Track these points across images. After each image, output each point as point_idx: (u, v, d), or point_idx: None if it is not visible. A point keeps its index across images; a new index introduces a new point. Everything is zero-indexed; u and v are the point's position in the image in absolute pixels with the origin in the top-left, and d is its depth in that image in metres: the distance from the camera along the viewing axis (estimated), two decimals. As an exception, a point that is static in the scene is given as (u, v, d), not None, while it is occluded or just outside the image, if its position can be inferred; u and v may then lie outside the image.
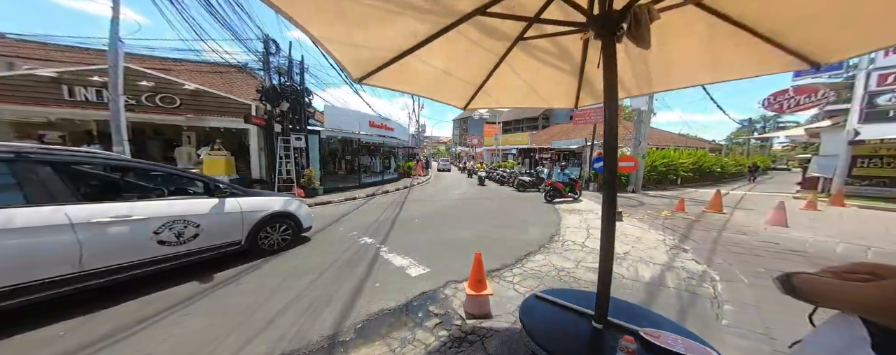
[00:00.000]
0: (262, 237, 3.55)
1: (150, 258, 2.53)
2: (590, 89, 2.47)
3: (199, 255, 2.92)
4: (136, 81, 7.12)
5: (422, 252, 4.00)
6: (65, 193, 2.14)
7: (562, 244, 4.45)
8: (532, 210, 7.37)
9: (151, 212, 2.53)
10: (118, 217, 2.31)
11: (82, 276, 2.16)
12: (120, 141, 5.20)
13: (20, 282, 1.91)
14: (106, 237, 2.25)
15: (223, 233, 3.11)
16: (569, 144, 14.06)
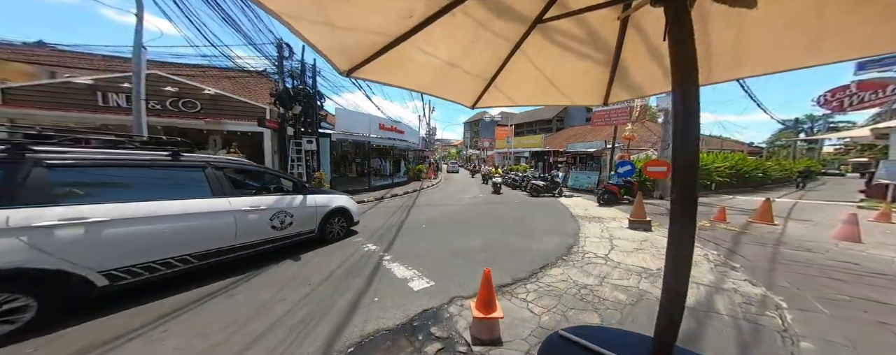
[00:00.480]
0: (327, 227, 4.35)
1: (265, 238, 3.39)
2: (626, 81, 2.03)
3: (291, 240, 3.78)
4: (161, 87, 7.51)
5: (427, 262, 3.74)
6: (227, 189, 3.09)
7: (582, 256, 4.01)
8: (547, 217, 6.90)
9: (268, 204, 3.41)
10: (252, 206, 3.23)
11: (235, 248, 3.10)
12: (141, 144, 5.42)
13: (209, 249, 2.86)
14: (246, 220, 3.16)
15: (305, 223, 3.94)
16: (586, 147, 13.26)
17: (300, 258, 3.82)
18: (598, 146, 12.44)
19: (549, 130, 36.03)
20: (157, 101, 7.54)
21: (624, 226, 5.75)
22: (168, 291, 2.71)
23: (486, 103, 2.44)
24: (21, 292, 1.91)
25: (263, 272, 3.32)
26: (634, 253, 4.09)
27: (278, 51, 8.09)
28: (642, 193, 5.84)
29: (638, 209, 5.41)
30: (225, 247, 2.99)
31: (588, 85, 2.14)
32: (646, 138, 15.25)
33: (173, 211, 2.59)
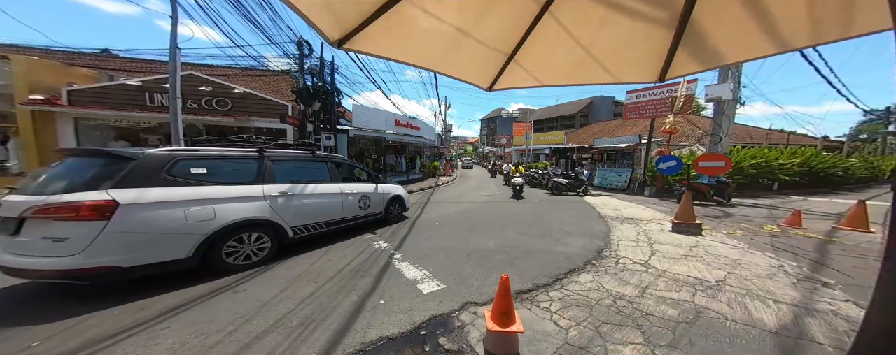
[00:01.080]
0: (390, 210, 5.27)
1: (355, 215, 4.44)
2: (698, 46, 1.48)
3: (367, 218, 4.73)
4: (197, 87, 8.07)
5: (438, 262, 3.50)
6: (337, 177, 4.21)
7: (616, 262, 3.51)
8: (571, 216, 6.32)
9: (357, 190, 4.49)
10: (350, 191, 4.33)
11: (341, 221, 4.15)
12: (178, 140, 5.79)
13: (341, 219, 4.11)
14: (347, 201, 4.26)
15: (377, 206, 4.90)
16: (616, 142, 12.09)
17: (311, 255, 3.79)
18: (630, 141, 11.30)
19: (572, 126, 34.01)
20: (194, 101, 8.13)
21: (665, 228, 5.05)
22: (176, 285, 2.73)
23: (506, 84, 2.07)
24: (264, 234, 3.23)
25: (275, 267, 3.31)
26: (683, 260, 3.49)
27: (299, 48, 8.29)
28: (658, 189, 5.10)
29: (685, 210, 4.68)
30: (337, 218, 4.13)
31: (639, 56, 1.67)
32: (687, 133, 13.59)
33: (317, 191, 3.84)
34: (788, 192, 10.12)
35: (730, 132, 8.38)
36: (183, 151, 2.86)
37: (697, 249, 3.86)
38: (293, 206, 3.48)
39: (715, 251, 3.79)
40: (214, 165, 2.99)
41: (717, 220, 5.77)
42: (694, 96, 8.72)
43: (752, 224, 5.53)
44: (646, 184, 9.83)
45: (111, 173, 2.38)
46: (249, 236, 3.10)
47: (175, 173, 2.67)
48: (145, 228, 2.37)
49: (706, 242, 4.18)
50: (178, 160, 2.74)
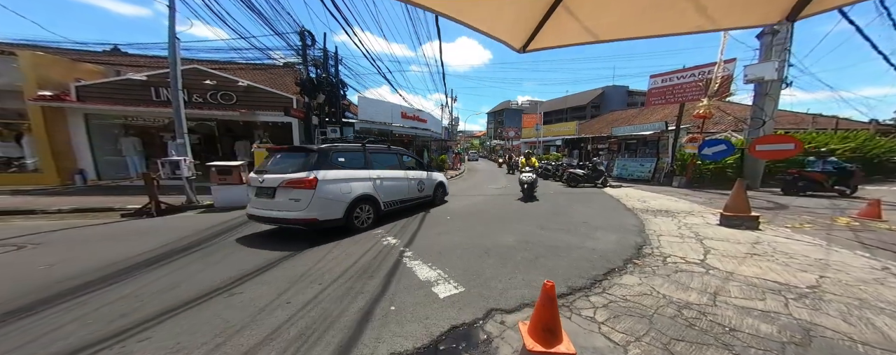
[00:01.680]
0: (437, 194, 6.20)
1: (415, 197, 5.38)
2: None
3: (421, 200, 5.67)
4: (201, 81, 7.90)
5: (454, 261, 3.12)
6: (403, 165, 5.17)
7: (663, 260, 3.01)
8: (594, 209, 5.79)
9: (416, 176, 5.42)
10: (412, 176, 5.25)
11: (407, 200, 5.10)
12: (182, 134, 5.61)
13: (406, 198, 5.04)
14: (411, 184, 5.20)
15: (428, 190, 5.84)
16: (638, 130, 11.22)
17: (316, 251, 3.49)
18: (655, 128, 10.43)
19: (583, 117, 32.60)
20: (199, 95, 7.98)
21: (710, 221, 4.45)
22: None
23: (545, 42, 1.58)
24: (371, 205, 4.27)
25: (277, 266, 3.01)
26: (749, 260, 2.94)
27: (301, 38, 7.96)
28: (688, 179, 4.36)
29: (738, 201, 4.05)
30: (405, 198, 5.11)
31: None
32: (715, 119, 12.50)
33: (394, 175, 4.87)
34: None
35: (774, 115, 7.48)
36: (333, 146, 4.31)
37: (763, 246, 3.28)
38: (383, 187, 4.62)
39: (787, 249, 3.20)
40: (346, 155, 4.25)
41: (771, 213, 5.07)
42: (732, 77, 7.77)
43: (817, 216, 4.82)
44: (674, 173, 9.04)
45: (310, 160, 3.77)
46: (363, 207, 4.23)
47: (333, 160, 4.00)
48: (327, 195, 3.74)
49: (769, 238, 3.57)
50: (335, 152, 4.11)
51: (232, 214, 5.60)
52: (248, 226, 4.69)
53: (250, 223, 4.53)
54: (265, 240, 4.04)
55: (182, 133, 5.52)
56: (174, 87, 5.40)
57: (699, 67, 8.86)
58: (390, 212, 4.80)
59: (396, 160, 5.11)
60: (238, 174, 6.11)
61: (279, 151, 4.19)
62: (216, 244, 3.84)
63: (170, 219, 5.34)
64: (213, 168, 5.84)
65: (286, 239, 4.03)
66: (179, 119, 5.49)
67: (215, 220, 5.18)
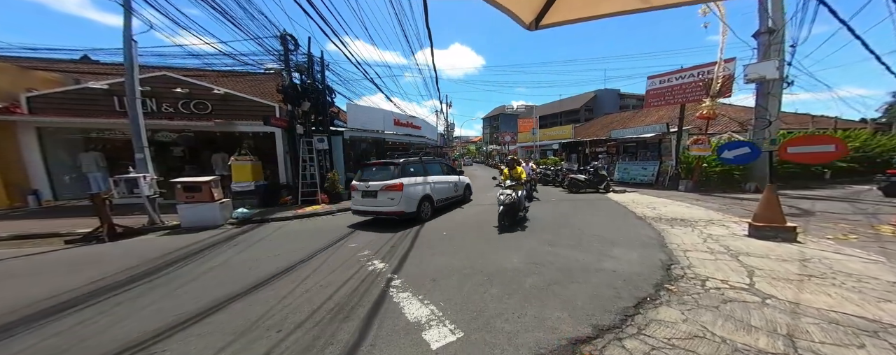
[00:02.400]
0: (466, 194, 7.51)
1: (451, 196, 6.70)
2: None
3: (456, 199, 6.98)
4: (171, 89, 7.29)
5: (450, 291, 2.56)
6: (443, 171, 6.78)
7: (701, 284, 2.51)
8: (603, 219, 5.31)
9: (452, 179, 6.82)
10: (450, 180, 6.74)
11: (449, 198, 6.64)
12: (140, 147, 4.96)
13: (447, 197, 6.56)
14: (449, 186, 6.67)
15: (459, 190, 7.09)
16: (639, 133, 10.93)
17: (286, 281, 2.88)
18: (655, 130, 10.16)
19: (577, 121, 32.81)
20: (169, 104, 7.35)
21: (736, 232, 3.99)
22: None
23: (559, 16, 1.26)
24: (428, 204, 5.64)
25: (229, 306, 2.39)
26: (808, 284, 2.43)
27: (282, 43, 7.49)
28: (695, 182, 3.90)
29: (770, 209, 3.59)
30: (448, 197, 6.52)
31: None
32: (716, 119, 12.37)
33: (440, 179, 6.24)
34: (843, 181, 8.85)
35: (778, 115, 7.25)
36: (406, 160, 5.71)
37: (815, 265, 2.79)
38: (435, 189, 5.95)
39: (845, 268, 2.70)
40: (413, 167, 5.70)
41: (800, 221, 4.52)
42: (733, 77, 7.57)
43: (853, 223, 4.35)
44: (679, 177, 8.69)
45: (396, 171, 5.19)
46: (425, 204, 5.49)
47: (407, 171, 5.44)
48: (408, 195, 5.13)
49: (816, 253, 3.08)
50: (407, 164, 5.57)
51: (200, 236, 4.93)
52: (215, 250, 4.09)
53: (217, 246, 4.34)
54: (230, 266, 3.44)
55: (141, 146, 4.87)
56: (131, 95, 4.80)
57: (698, 67, 8.68)
58: (439, 208, 6.14)
59: (440, 169, 6.73)
60: (209, 190, 5.45)
61: (374, 165, 5.78)
62: (167, 275, 3.24)
63: (124, 244, 4.65)
64: (179, 185, 5.17)
65: (256, 264, 3.45)
66: (137, 131, 4.86)
67: (178, 244, 4.51)
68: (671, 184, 8.95)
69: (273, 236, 4.89)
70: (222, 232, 5.23)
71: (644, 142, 11.14)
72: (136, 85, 4.91)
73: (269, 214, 6.47)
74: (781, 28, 7.11)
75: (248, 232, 5.24)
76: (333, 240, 4.50)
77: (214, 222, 5.49)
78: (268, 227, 5.56)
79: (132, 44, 4.76)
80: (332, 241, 4.42)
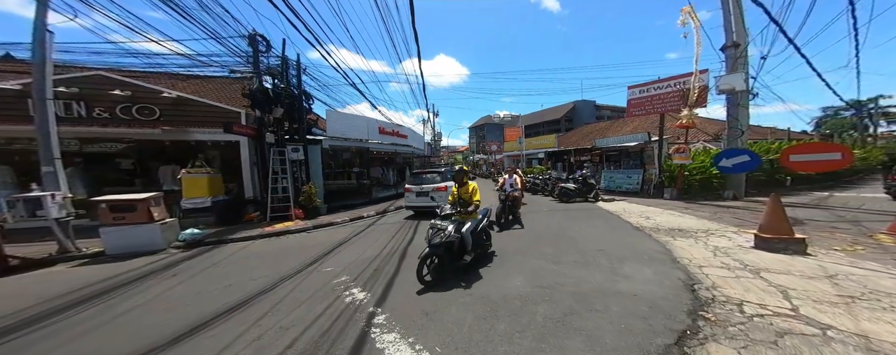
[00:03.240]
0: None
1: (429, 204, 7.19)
2: None
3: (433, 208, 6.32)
4: (108, 90, 6.20)
5: (448, 327, 2.08)
6: (446, 179, 7.45)
7: (740, 310, 2.20)
8: (601, 230, 5.07)
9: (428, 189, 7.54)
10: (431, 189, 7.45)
11: (428, 205, 7.07)
12: (50, 159, 3.95)
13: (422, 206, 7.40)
14: (431, 195, 7.40)
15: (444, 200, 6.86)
16: (623, 141, 11.22)
17: (235, 322, 2.13)
18: (638, 139, 10.47)
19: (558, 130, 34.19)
20: (103, 108, 6.21)
21: (741, 244, 3.83)
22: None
23: None
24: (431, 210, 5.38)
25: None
26: (856, 307, 2.16)
27: (251, 44, 6.77)
28: (678, 190, 3.75)
29: (776, 219, 3.45)
30: (429, 204, 7.04)
31: None
32: (680, 131, 13.19)
33: (444, 185, 7.08)
34: (802, 188, 9.49)
35: (747, 125, 7.68)
36: (449, 168, 8.99)
37: (846, 283, 2.57)
38: (440, 196, 6.84)
39: (879, 285, 2.47)
40: (449, 173, 7.51)
41: (794, 229, 4.51)
42: (707, 88, 8.01)
43: (843, 232, 4.33)
44: (663, 185, 8.86)
45: (439, 176, 7.54)
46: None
47: (447, 176, 7.40)
48: (442, 195, 6.71)
49: (837, 268, 2.87)
50: (447, 172, 7.93)
51: (129, 265, 3.97)
52: (145, 282, 3.28)
53: (149, 276, 3.57)
54: (160, 304, 2.65)
55: (51, 158, 3.87)
56: (40, 95, 3.85)
57: (675, 78, 9.08)
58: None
59: (439, 177, 7.65)
60: (146, 210, 4.46)
61: (423, 173, 7.91)
62: (58, 322, 2.41)
63: (16, 280, 3.59)
64: (104, 204, 4.16)
65: (197, 299, 2.70)
66: (46, 139, 3.87)
67: (95, 276, 3.57)
68: (656, 192, 9.11)
69: (229, 260, 4.08)
70: (162, 258, 4.26)
71: (626, 150, 11.45)
72: (48, 83, 3.97)
73: (229, 234, 5.53)
74: (744, 44, 7.67)
75: (198, 256, 4.34)
76: (305, 263, 3.79)
77: (153, 246, 4.48)
78: (224, 250, 4.70)
79: (46, 34, 3.87)
80: (304, 265, 3.71)
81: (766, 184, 8.89)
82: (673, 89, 8.88)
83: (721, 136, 9.89)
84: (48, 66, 3.95)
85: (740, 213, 6.18)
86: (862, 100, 21.12)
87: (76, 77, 6.13)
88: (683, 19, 7.80)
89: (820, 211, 6.18)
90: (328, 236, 5.52)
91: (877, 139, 24.57)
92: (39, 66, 3.88)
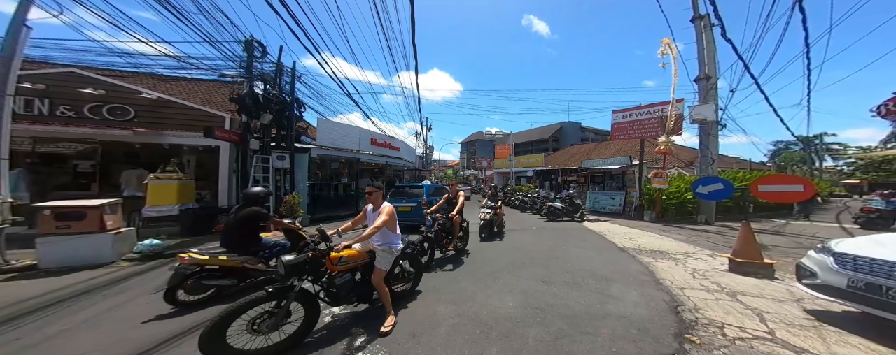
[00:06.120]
0: None
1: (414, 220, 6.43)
2: None
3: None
4: (78, 88, 5.83)
5: (437, 352, 1.97)
6: (409, 197, 7.49)
7: (722, 333, 2.24)
8: (588, 250, 5.13)
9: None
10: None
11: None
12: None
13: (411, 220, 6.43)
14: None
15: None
16: (607, 164, 11.75)
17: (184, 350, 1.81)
18: (622, 163, 11.02)
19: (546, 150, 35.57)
20: (69, 106, 5.79)
21: (717, 267, 3.98)
22: None
23: None
24: None
25: None
26: (824, 330, 2.24)
27: (247, 50, 6.73)
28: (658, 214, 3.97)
29: (748, 246, 3.64)
30: (411, 221, 6.43)
31: None
32: (656, 157, 14.10)
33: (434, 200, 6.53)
34: (761, 215, 10.18)
35: (717, 154, 8.34)
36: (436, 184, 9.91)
37: (811, 306, 2.69)
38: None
39: (839, 309, 2.61)
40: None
41: (776, 253, 4.67)
42: (683, 116, 8.72)
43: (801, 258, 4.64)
44: (643, 208, 9.25)
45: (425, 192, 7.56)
46: None
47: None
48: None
49: (804, 292, 3.03)
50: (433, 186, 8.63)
51: (65, 280, 3.46)
52: (78, 302, 2.83)
53: (88, 294, 3.06)
54: (88, 332, 2.20)
55: (-3, 156, 3.48)
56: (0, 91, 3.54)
57: (655, 105, 9.70)
58: None
59: (422, 192, 7.63)
60: (97, 218, 4.01)
61: (405, 187, 8.29)
62: None
63: None
64: (47, 211, 3.71)
65: (137, 326, 2.30)
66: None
67: (17, 294, 3.05)
68: (636, 214, 9.45)
69: (188, 280, 3.65)
70: (108, 272, 3.75)
71: (610, 172, 11.99)
72: (12, 78, 3.68)
73: (195, 245, 5.02)
74: (714, 77, 8.50)
75: (152, 271, 3.88)
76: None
77: (98, 259, 3.95)
78: (184, 266, 4.22)
79: (22, 29, 3.66)
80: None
81: (732, 210, 9.53)
82: (653, 116, 9.58)
83: (694, 164, 10.62)
84: (16, 61, 3.69)
85: (713, 237, 6.49)
86: (809, 137, 23.92)
87: (45, 73, 5.75)
88: (663, 50, 8.58)
89: (781, 237, 6.64)
90: (308, 250, 5.18)
91: (822, 172, 27.59)
92: (6, 61, 3.61)
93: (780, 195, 4.14)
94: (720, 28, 7.26)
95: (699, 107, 7.82)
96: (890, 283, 1.97)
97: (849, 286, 2.17)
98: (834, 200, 19.76)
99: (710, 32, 8.37)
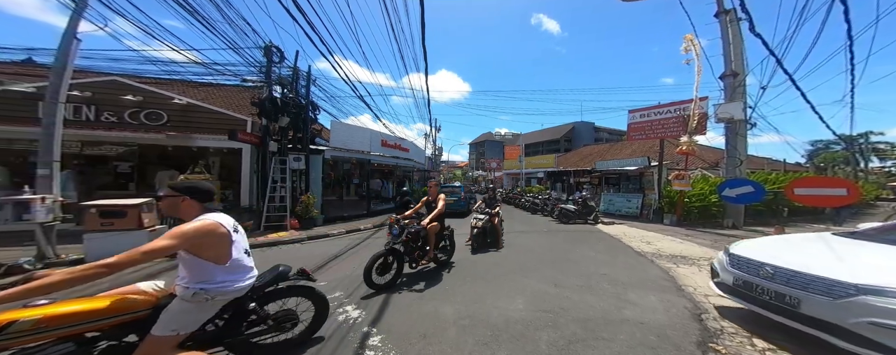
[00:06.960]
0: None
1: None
2: None
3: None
4: (120, 95, 6.36)
5: (444, 352, 1.97)
6: (450, 193, 9.02)
7: (751, 344, 2.10)
8: (601, 254, 4.98)
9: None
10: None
11: None
12: (48, 162, 3.93)
13: None
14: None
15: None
16: (623, 165, 11.29)
17: None
18: (638, 163, 10.59)
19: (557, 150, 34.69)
20: (112, 112, 6.33)
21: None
22: None
23: None
24: None
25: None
26: None
27: (266, 55, 7.08)
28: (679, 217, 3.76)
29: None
30: None
31: None
32: (677, 158, 13.39)
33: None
34: (798, 220, 9.39)
35: (745, 155, 7.82)
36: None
37: None
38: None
39: None
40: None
41: None
42: (707, 115, 8.22)
43: None
44: (663, 210, 8.84)
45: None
46: None
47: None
48: None
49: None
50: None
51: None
52: None
53: None
54: None
55: (49, 160, 3.85)
56: (53, 98, 3.94)
57: (675, 103, 9.21)
58: None
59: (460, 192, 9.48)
60: (136, 216, 4.35)
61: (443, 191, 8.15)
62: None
63: None
64: (93, 209, 4.07)
65: None
66: (49, 141, 3.88)
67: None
68: (655, 217, 9.05)
69: (214, 276, 3.86)
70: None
71: (626, 174, 11.55)
72: (64, 87, 4.07)
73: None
74: (743, 74, 7.98)
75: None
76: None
77: (139, 255, 4.28)
78: (211, 262, 4.47)
79: (73, 41, 4.04)
80: (292, 283, 3.52)
81: (763, 213, 8.88)
82: (673, 115, 9.12)
83: (719, 165, 10.02)
84: (68, 71, 4.08)
85: (705, 238, 6.11)
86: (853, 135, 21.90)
87: (90, 81, 6.31)
88: (686, 46, 8.13)
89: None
90: (322, 248, 5.34)
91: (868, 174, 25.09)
92: (59, 71, 4.00)
93: (820, 199, 3.81)
94: (748, 22, 6.81)
95: (725, 105, 7.36)
96: (758, 281, 2.17)
97: (734, 283, 2.38)
98: (881, 204, 18.01)
99: (737, 27, 7.87)
